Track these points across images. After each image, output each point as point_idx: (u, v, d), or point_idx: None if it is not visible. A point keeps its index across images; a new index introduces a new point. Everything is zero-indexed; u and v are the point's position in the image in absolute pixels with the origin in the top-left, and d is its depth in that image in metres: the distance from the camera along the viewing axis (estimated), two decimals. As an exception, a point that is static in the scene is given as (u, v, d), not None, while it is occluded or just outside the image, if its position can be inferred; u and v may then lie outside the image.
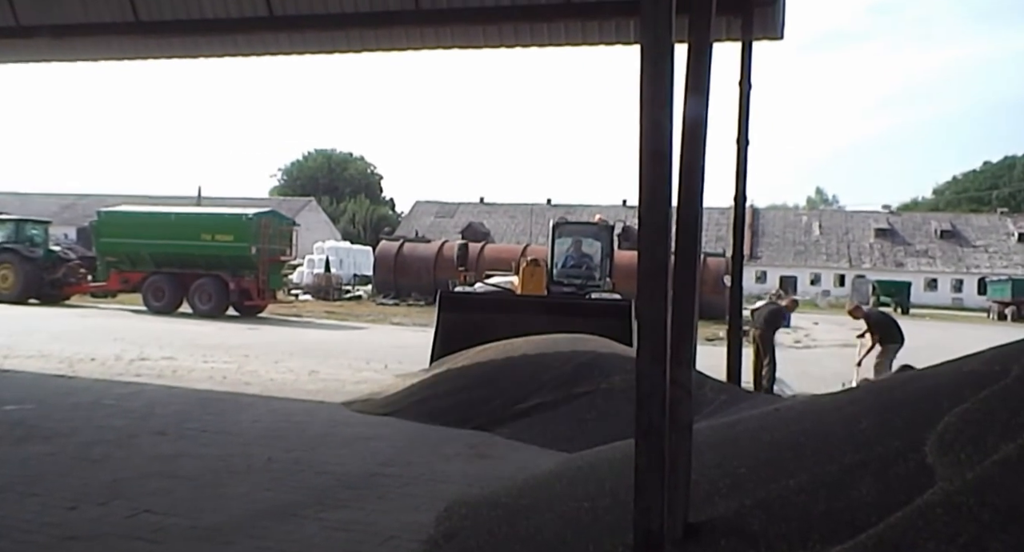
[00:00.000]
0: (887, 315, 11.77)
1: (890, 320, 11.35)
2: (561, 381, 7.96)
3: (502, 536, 4.07)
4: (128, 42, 12.28)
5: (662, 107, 2.90)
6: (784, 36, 10.28)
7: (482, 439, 7.32)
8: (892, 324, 11.13)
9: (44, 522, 4.65)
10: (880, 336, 10.79)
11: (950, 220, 69.72)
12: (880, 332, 10.84)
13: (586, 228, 14.01)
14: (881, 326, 11.00)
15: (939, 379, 4.35)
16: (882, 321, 11.25)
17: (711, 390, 8.03)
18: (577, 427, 7.17)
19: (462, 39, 11.37)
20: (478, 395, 8.10)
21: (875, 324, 11.04)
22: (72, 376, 10.27)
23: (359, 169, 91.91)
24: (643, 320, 2.77)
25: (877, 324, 11.05)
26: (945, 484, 2.73)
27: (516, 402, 7.85)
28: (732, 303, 10.82)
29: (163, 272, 22.92)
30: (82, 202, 64.47)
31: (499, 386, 8.17)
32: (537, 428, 7.36)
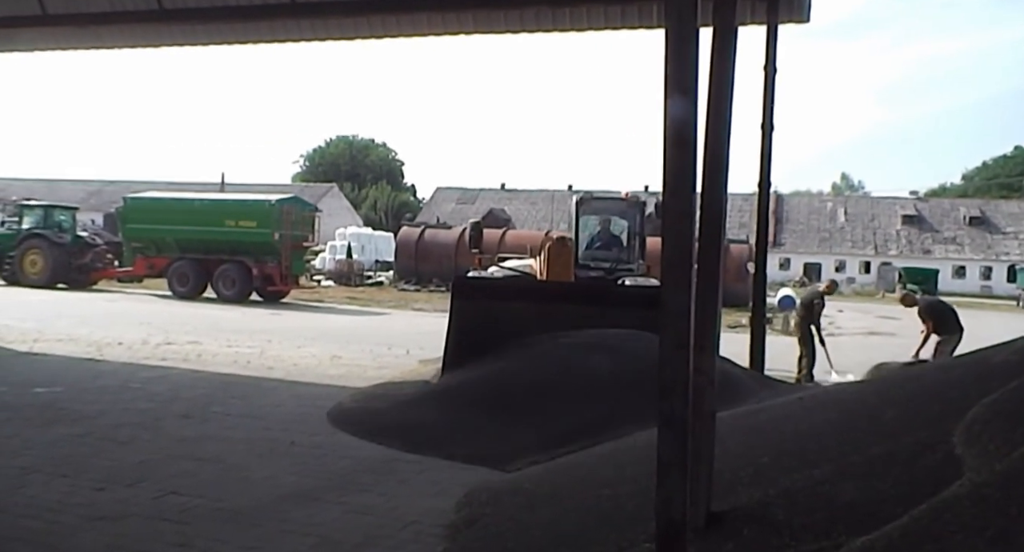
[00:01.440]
0: (943, 303, 10.74)
1: (946, 308, 10.42)
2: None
3: (523, 523, 4.08)
4: (152, 30, 12.34)
5: (686, 92, 2.86)
6: (811, 19, 10.14)
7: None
8: (949, 312, 10.22)
9: (73, 502, 4.72)
10: (936, 326, 9.98)
11: (979, 206, 68.70)
12: (935, 321, 10.03)
13: (614, 204, 12.40)
14: (936, 315, 10.16)
15: (967, 369, 4.29)
16: (937, 310, 10.36)
17: (752, 380, 7.70)
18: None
19: (484, 24, 11.32)
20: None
21: (928, 313, 10.17)
22: (100, 360, 10.40)
23: (381, 155, 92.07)
24: (666, 307, 2.74)
25: (931, 313, 10.20)
26: (972, 476, 2.70)
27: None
28: (756, 290, 10.74)
29: (188, 258, 23.12)
30: (108, 188, 65.07)
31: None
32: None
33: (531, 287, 10.42)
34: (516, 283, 10.84)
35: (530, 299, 9.30)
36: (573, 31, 11.17)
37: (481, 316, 8.80)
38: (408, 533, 4.45)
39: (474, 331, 8.68)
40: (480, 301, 9.14)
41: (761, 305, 10.75)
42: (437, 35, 11.68)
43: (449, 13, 11.17)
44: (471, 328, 8.76)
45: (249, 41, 12.44)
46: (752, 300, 10.92)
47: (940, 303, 10.81)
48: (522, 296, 9.45)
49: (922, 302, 10.64)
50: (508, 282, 10.93)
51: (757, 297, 10.70)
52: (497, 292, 9.70)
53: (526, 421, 6.58)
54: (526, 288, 10.28)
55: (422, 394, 8.01)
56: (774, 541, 2.81)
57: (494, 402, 7.05)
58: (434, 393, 7.94)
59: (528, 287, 10.41)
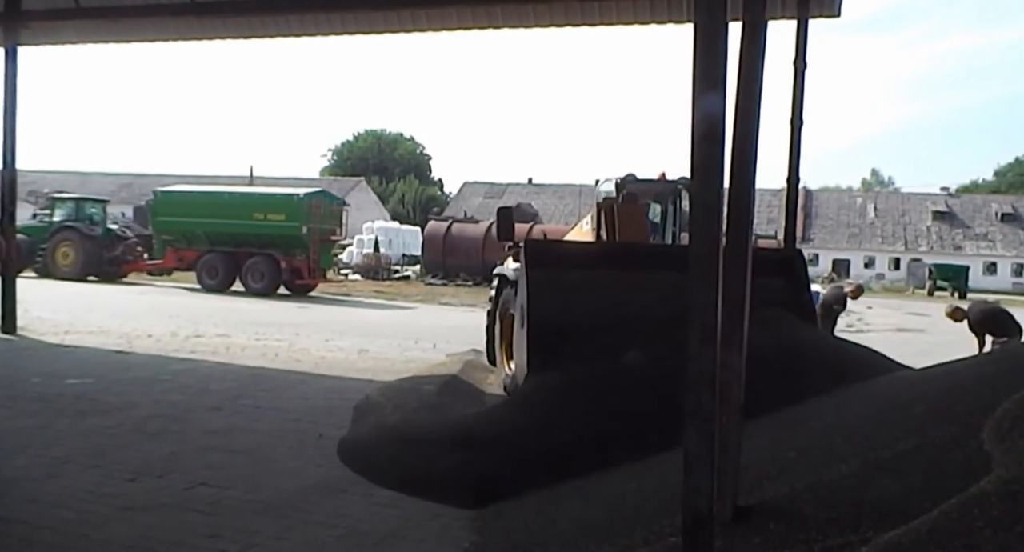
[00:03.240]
0: (995, 307, 9.98)
1: (999, 311, 9.71)
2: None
3: (549, 516, 4.10)
4: (183, 23, 12.47)
5: (715, 86, 2.86)
6: (841, 14, 10.02)
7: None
8: (1003, 315, 9.51)
9: (104, 493, 4.80)
10: (990, 331, 9.35)
11: (1012, 203, 67.59)
12: (989, 329, 9.40)
13: (656, 187, 10.51)
14: (987, 323, 9.49)
15: (998, 366, 4.25)
16: (989, 315, 9.64)
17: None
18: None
19: (513, 19, 11.32)
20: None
21: (979, 323, 9.51)
22: (130, 352, 10.55)
23: (408, 149, 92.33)
24: (694, 302, 2.75)
25: (982, 322, 9.52)
26: (1001, 472, 2.68)
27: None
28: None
29: (217, 251, 23.36)
30: (139, 181, 65.80)
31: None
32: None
33: (615, 252, 8.37)
34: (595, 247, 8.83)
35: (617, 266, 7.42)
36: (602, 26, 11.13)
37: (562, 291, 7.15)
38: (435, 526, 4.48)
39: (556, 311, 6.97)
40: (558, 271, 7.44)
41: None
42: (466, 29, 11.69)
43: (478, 7, 11.17)
44: (552, 308, 7.01)
45: (280, 35, 12.53)
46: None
47: (991, 309, 9.94)
48: (608, 263, 7.67)
49: (973, 314, 9.70)
50: (586, 246, 8.96)
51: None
52: (577, 259, 7.90)
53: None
54: (610, 253, 8.29)
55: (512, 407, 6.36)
56: (800, 535, 2.80)
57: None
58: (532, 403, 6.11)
59: (611, 252, 8.40)
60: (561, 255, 7.94)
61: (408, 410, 6.93)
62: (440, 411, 6.92)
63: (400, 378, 9.10)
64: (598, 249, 8.55)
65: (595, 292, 6.92)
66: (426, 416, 6.77)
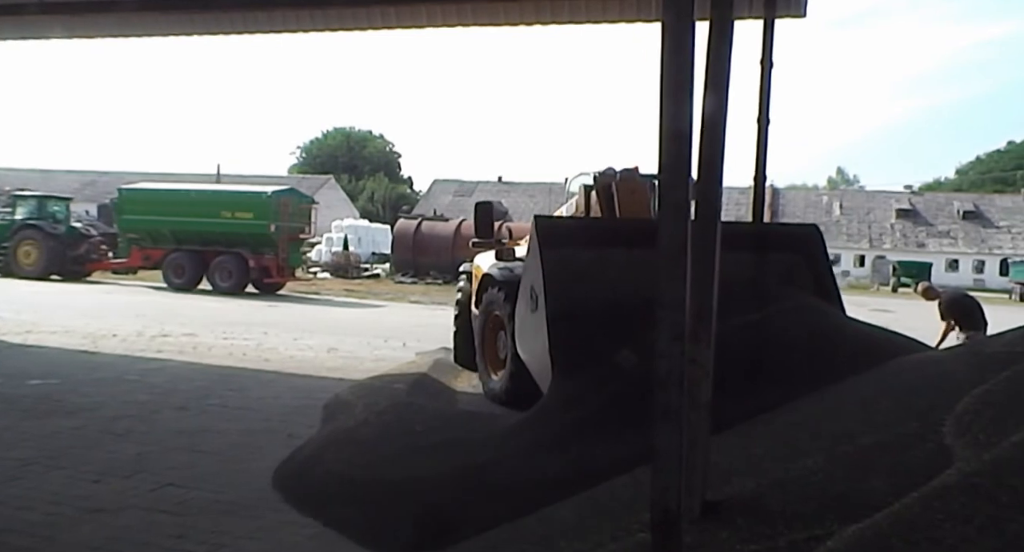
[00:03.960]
0: (967, 297, 9.99)
1: (969, 302, 9.73)
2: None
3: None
4: (149, 19, 12.28)
5: (683, 85, 2.88)
6: (807, 14, 10.12)
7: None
8: (973, 307, 9.54)
9: (70, 494, 4.74)
10: (960, 321, 9.32)
11: (973, 201, 68.88)
12: (956, 316, 9.39)
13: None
14: (957, 309, 9.51)
15: (959, 360, 4.33)
16: (958, 304, 9.66)
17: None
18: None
19: (483, 16, 11.29)
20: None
21: (951, 310, 9.50)
22: (95, 352, 10.41)
23: (378, 147, 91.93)
24: (662, 300, 2.77)
25: (951, 307, 9.53)
26: (962, 465, 2.73)
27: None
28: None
29: (183, 249, 23.11)
30: (103, 179, 64.85)
31: None
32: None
33: (631, 229, 7.44)
34: (609, 224, 8.05)
35: (636, 245, 6.08)
36: (571, 24, 11.14)
37: (577, 272, 6.54)
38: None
39: (574, 294, 6.40)
40: (572, 250, 6.77)
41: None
42: (435, 27, 11.65)
43: (448, 5, 11.14)
44: (570, 290, 6.41)
45: (247, 31, 12.38)
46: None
47: (964, 298, 10.01)
48: (627, 241, 6.74)
49: (944, 297, 9.77)
50: (600, 223, 8.19)
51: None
52: (593, 238, 7.21)
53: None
54: (626, 230, 7.44)
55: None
56: (767, 530, 2.84)
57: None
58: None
59: (627, 229, 7.55)
60: (573, 234, 7.28)
61: (378, 409, 6.90)
62: (411, 412, 6.88)
63: (370, 377, 9.07)
64: (608, 227, 7.88)
65: (610, 272, 6.44)
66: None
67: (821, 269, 7.62)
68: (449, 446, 5.31)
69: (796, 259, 7.48)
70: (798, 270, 7.42)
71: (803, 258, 7.54)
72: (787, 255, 7.46)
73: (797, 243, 7.68)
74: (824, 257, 7.74)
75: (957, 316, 9.42)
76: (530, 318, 6.71)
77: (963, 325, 9.31)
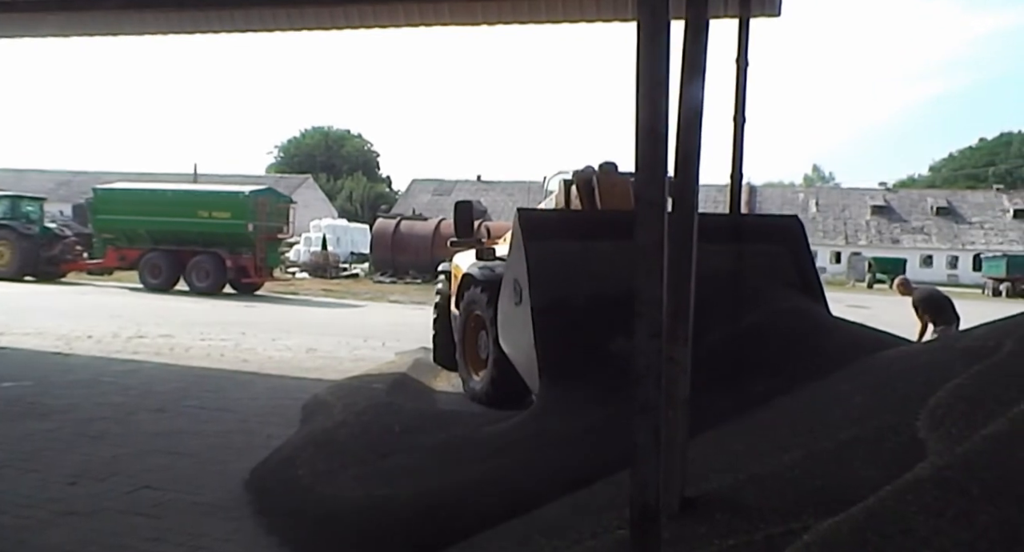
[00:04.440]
0: (939, 293, 10.31)
1: (940, 298, 10.06)
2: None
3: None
4: (124, 17, 12.16)
5: (659, 84, 2.89)
6: (782, 13, 10.21)
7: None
8: (945, 302, 9.88)
9: (44, 498, 4.69)
10: (931, 317, 9.62)
11: (946, 197, 69.78)
12: (929, 312, 9.69)
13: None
14: (929, 305, 9.79)
15: (933, 355, 4.38)
16: (930, 300, 9.96)
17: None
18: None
19: (461, 16, 11.28)
20: None
21: (924, 305, 9.79)
22: (69, 353, 10.30)
23: (356, 147, 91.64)
24: (640, 298, 2.78)
25: (923, 303, 9.82)
26: (935, 459, 2.77)
27: None
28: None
29: (160, 249, 22.93)
30: (77, 179, 64.21)
31: None
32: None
33: (614, 221, 7.02)
34: (592, 216, 7.92)
35: (620, 236, 5.09)
36: (549, 23, 11.15)
37: (563, 264, 6.43)
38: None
39: (559, 287, 6.28)
40: (558, 243, 6.66)
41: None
42: (413, 26, 11.62)
43: (425, 4, 11.11)
44: (555, 283, 6.28)
45: (223, 30, 12.29)
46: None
47: (936, 293, 10.34)
48: (610, 233, 6.23)
49: (917, 293, 10.10)
50: (583, 215, 8.05)
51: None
52: (577, 230, 7.08)
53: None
54: (609, 222, 7.18)
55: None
56: (745, 524, 2.87)
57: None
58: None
59: (610, 221, 7.28)
60: (557, 226, 7.23)
61: (357, 410, 6.87)
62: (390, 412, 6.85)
63: (349, 377, 9.04)
64: (591, 218, 7.77)
65: (595, 264, 6.36)
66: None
67: (803, 261, 7.59)
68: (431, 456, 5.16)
69: (778, 251, 7.44)
70: (780, 262, 7.38)
71: (785, 250, 7.50)
72: (769, 247, 7.43)
73: (779, 234, 7.64)
74: (806, 249, 7.72)
75: (930, 312, 9.64)
76: (514, 311, 6.65)
77: (936, 320, 9.54)
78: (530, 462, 4.56)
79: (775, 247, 7.46)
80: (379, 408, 6.89)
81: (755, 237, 7.59)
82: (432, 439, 5.54)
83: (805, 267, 7.55)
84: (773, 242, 7.50)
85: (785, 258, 7.44)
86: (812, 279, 7.53)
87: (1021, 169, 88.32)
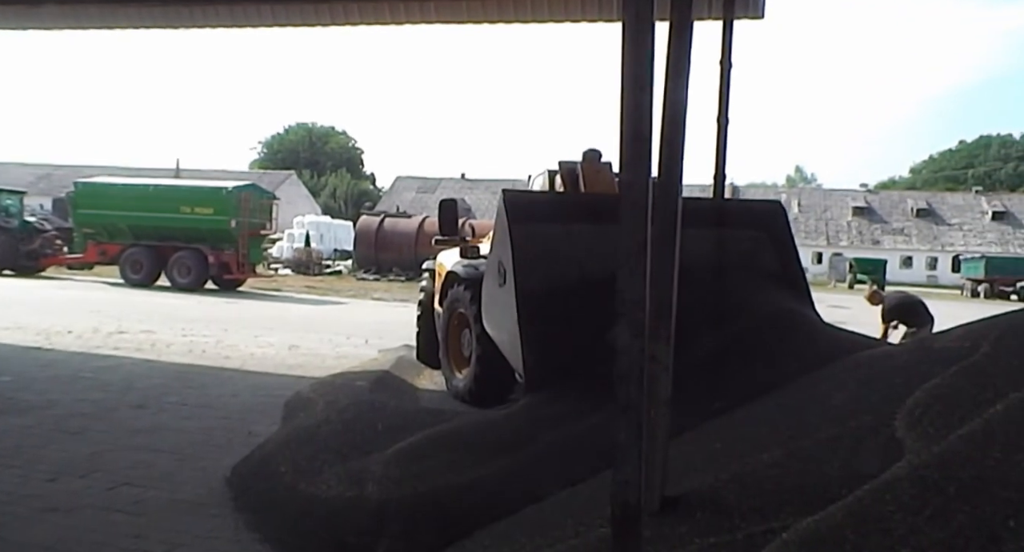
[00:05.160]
0: (909, 297, 10.44)
1: (912, 301, 10.19)
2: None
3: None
4: (108, 11, 12.07)
5: (643, 85, 2.91)
6: (765, 15, 10.27)
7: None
8: (917, 305, 10.00)
9: (24, 494, 4.65)
10: (904, 321, 9.79)
11: (926, 199, 70.43)
12: (902, 317, 9.86)
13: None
14: (901, 310, 9.95)
15: (911, 355, 4.43)
16: (901, 305, 10.10)
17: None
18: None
19: (445, 14, 11.27)
20: None
21: (892, 310, 9.96)
22: (49, 348, 10.21)
23: (340, 143, 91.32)
24: (623, 297, 2.80)
25: (896, 309, 9.98)
26: (912, 458, 2.81)
27: None
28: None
29: (141, 244, 22.77)
30: (58, 173, 63.62)
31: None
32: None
33: (599, 203, 6.99)
34: (578, 199, 7.80)
35: (605, 219, 4.85)
36: (534, 23, 11.16)
37: (547, 246, 6.41)
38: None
39: (544, 269, 6.26)
40: (543, 225, 6.59)
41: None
42: (399, 24, 11.60)
43: (411, 2, 11.09)
44: (541, 267, 6.26)
45: (208, 26, 12.22)
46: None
47: (907, 298, 10.44)
48: (595, 215, 6.42)
49: (887, 302, 10.21)
50: (568, 198, 7.92)
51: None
52: (562, 212, 6.95)
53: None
54: (594, 204, 7.02)
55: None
56: (725, 523, 2.90)
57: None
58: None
59: (595, 203, 7.15)
60: (542, 208, 7.14)
61: (339, 407, 6.86)
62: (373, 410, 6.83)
63: (332, 374, 9.02)
64: (576, 201, 7.63)
65: (579, 245, 6.39)
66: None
67: (785, 247, 7.55)
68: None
69: (759, 236, 7.40)
70: (761, 248, 7.34)
71: (766, 235, 7.45)
72: (750, 232, 7.37)
73: (760, 220, 7.57)
74: (788, 234, 7.67)
75: (902, 316, 9.84)
76: (498, 292, 6.67)
77: (909, 323, 9.72)
78: (515, 460, 4.58)
79: (756, 233, 7.41)
80: (362, 406, 6.88)
81: (737, 223, 7.54)
82: (413, 437, 5.54)
83: (786, 253, 7.51)
84: (754, 228, 7.44)
85: (766, 244, 7.40)
86: (793, 265, 7.51)
87: (999, 172, 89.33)
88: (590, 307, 5.31)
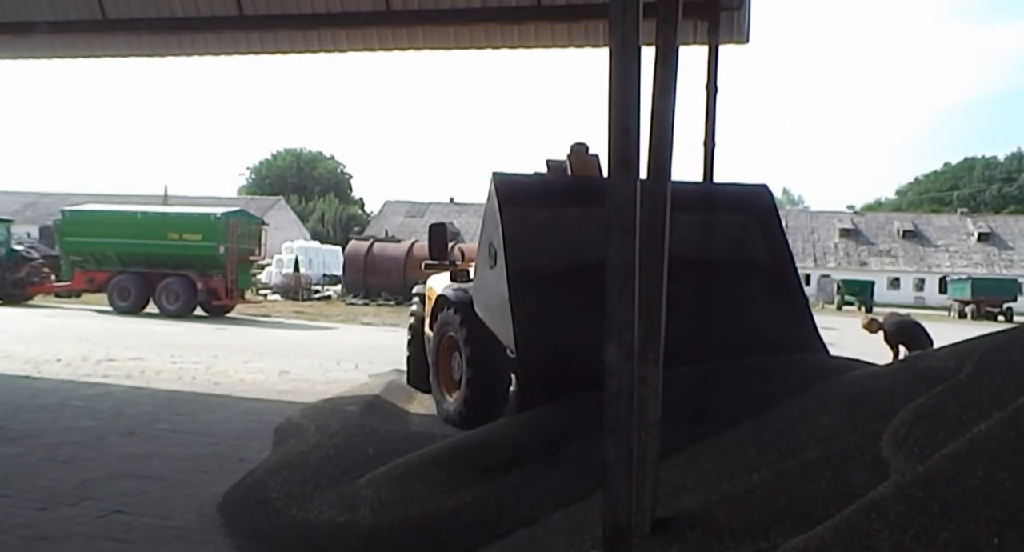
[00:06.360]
0: (908, 320, 10.43)
1: (912, 324, 10.20)
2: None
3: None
4: (95, 39, 12.16)
5: (629, 110, 2.96)
6: (750, 40, 10.44)
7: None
8: (917, 329, 10.01)
9: (14, 523, 4.62)
10: (907, 345, 9.72)
11: (912, 220, 70.93)
12: (904, 341, 9.81)
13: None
14: (904, 334, 9.93)
15: (897, 376, 4.48)
16: (904, 329, 10.06)
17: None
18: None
19: (433, 40, 11.41)
20: None
21: (895, 334, 9.94)
22: (37, 377, 10.15)
23: (328, 168, 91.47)
24: (611, 319, 2.84)
25: (898, 333, 9.96)
26: (898, 477, 2.85)
27: None
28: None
29: (129, 272, 22.70)
30: (45, 200, 63.43)
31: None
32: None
33: (589, 187, 7.08)
34: (568, 182, 7.70)
35: (594, 203, 4.89)
36: (521, 48, 11.31)
37: (540, 229, 6.46)
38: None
39: (536, 253, 6.32)
40: (533, 208, 6.64)
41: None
42: (387, 50, 11.73)
43: (399, 28, 11.23)
44: (531, 249, 6.33)
45: (196, 53, 12.32)
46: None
47: (906, 322, 10.39)
48: (585, 199, 6.46)
49: (888, 326, 10.11)
50: (559, 181, 7.78)
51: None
52: (552, 195, 6.95)
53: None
54: (584, 188, 7.10)
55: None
56: (715, 544, 2.92)
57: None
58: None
59: (585, 187, 7.21)
60: (532, 191, 7.11)
61: (330, 432, 6.84)
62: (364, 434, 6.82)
63: (322, 399, 8.98)
64: (566, 184, 7.58)
65: (569, 228, 6.42)
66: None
67: (772, 230, 7.48)
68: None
69: (745, 221, 7.32)
70: (748, 233, 7.27)
71: (753, 219, 7.36)
72: (736, 216, 7.30)
73: (747, 204, 7.46)
74: (775, 217, 7.59)
75: (905, 340, 9.76)
76: (489, 274, 6.75)
77: (912, 346, 9.59)
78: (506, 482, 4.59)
79: (743, 217, 7.33)
80: (352, 430, 6.86)
81: (723, 207, 7.47)
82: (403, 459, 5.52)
83: (774, 238, 7.44)
84: (741, 212, 7.36)
85: (753, 229, 7.32)
86: (781, 251, 7.45)
87: (984, 193, 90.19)
88: (579, 286, 5.28)
